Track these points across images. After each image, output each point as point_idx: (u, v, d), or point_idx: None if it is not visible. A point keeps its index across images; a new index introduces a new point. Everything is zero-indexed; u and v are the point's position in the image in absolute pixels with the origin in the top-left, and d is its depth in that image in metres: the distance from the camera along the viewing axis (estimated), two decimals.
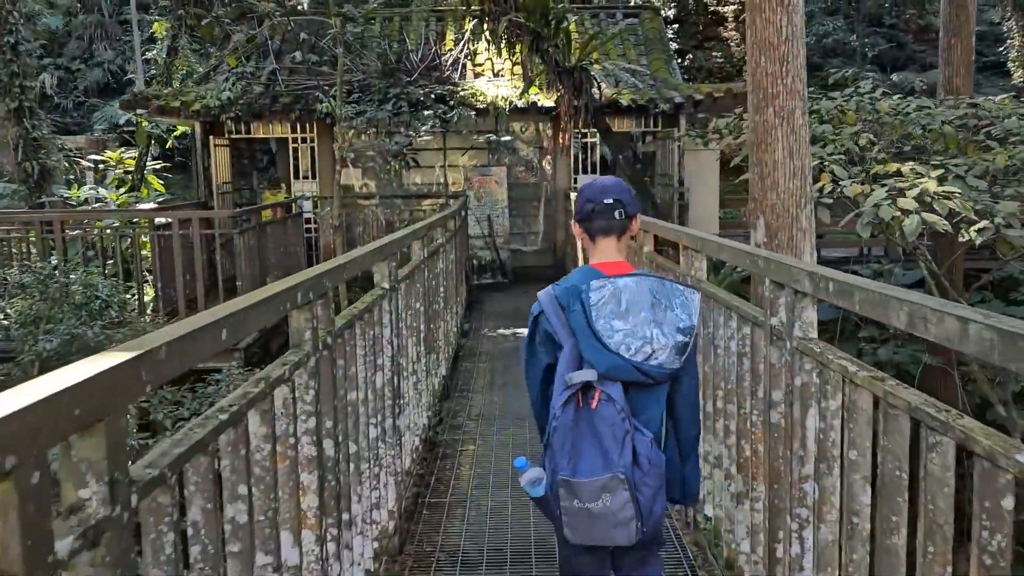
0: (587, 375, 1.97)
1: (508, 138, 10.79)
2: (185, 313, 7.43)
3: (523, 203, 12.89)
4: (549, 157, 12.55)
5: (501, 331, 8.90)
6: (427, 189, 12.67)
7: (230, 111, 11.24)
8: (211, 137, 11.73)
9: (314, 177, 12.37)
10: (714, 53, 23.66)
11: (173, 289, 7.91)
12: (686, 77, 19.56)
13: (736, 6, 25.33)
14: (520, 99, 11.43)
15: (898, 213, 4.94)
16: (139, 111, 11.59)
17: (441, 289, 6.27)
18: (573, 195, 10.68)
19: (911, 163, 5.81)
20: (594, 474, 1.93)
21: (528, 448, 5.01)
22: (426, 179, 12.74)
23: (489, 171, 12.21)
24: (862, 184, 5.62)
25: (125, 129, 18.11)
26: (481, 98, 11.59)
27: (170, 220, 8.14)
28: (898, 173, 5.57)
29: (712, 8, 25.69)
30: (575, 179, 12.38)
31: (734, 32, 25.45)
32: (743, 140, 6.88)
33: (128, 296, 7.62)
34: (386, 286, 3.44)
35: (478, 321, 9.65)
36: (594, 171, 12.61)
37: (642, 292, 1.99)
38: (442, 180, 12.64)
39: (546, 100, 11.67)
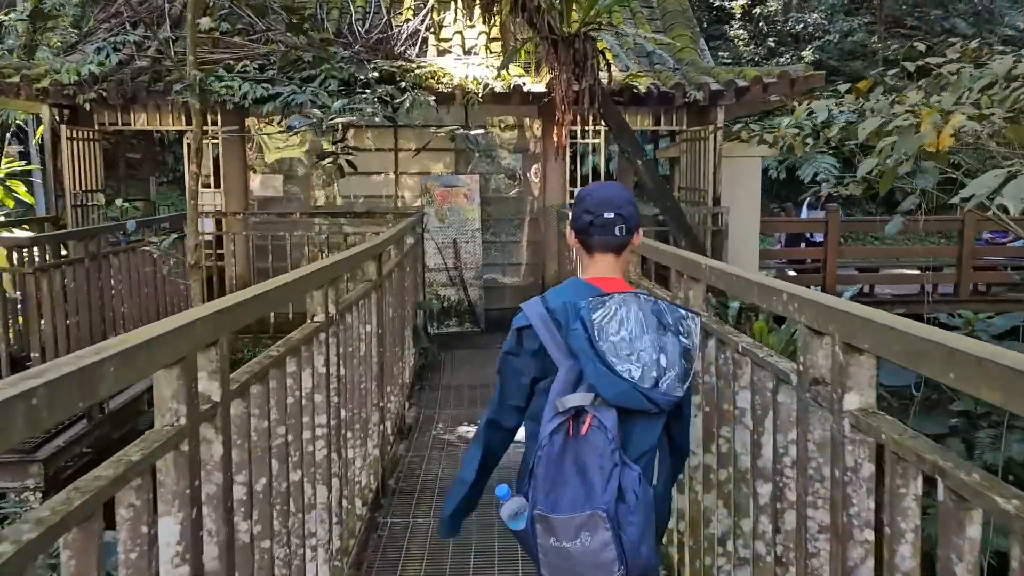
0: (580, 399, 1.79)
1: (481, 132, 7.69)
2: None
3: (501, 224, 9.73)
4: (538, 163, 9.39)
5: (465, 429, 5.69)
6: (374, 204, 9.49)
7: (90, 91, 7.99)
8: (64, 126, 8.42)
9: (218, 186, 9.14)
10: (720, 53, 20.76)
11: None
12: None
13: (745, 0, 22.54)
14: (498, 80, 8.28)
15: None
16: None
17: (360, 377, 3.60)
18: (564, 209, 7.59)
19: None
20: (573, 510, 1.76)
21: None
22: (372, 191, 9.54)
23: (456, 181, 9.05)
24: None
25: None
26: (445, 80, 8.44)
27: None
28: None
29: (717, 4, 22.87)
30: (572, 192, 9.24)
31: (741, 31, 22.69)
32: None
33: None
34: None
35: (430, 404, 6.44)
36: (595, 182, 9.46)
37: (645, 313, 1.83)
38: (392, 193, 9.44)
39: (535, 83, 8.52)
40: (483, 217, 9.29)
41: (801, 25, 20.65)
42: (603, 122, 7.87)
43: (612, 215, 2.00)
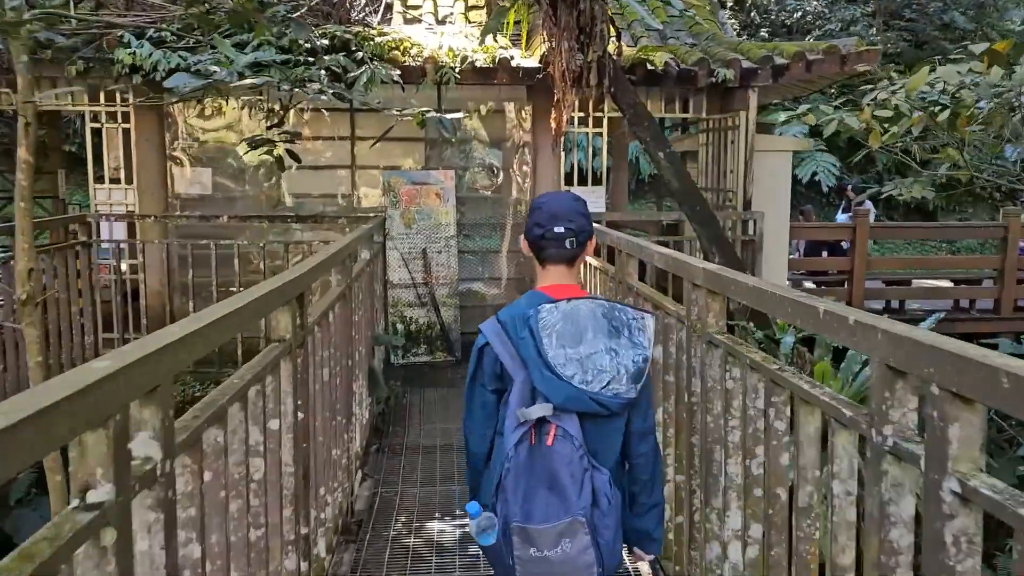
0: (541, 410, 1.82)
1: (458, 115, 6.05)
2: None
3: (481, 230, 8.08)
4: (527, 157, 7.73)
5: (438, 528, 4.01)
6: (331, 205, 7.79)
7: None
8: None
9: (130, 181, 7.37)
10: None
11: None
12: None
13: None
14: (479, 50, 6.63)
15: None
16: None
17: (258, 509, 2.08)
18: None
19: None
20: (551, 519, 1.81)
21: None
22: (328, 189, 7.84)
23: (426, 178, 7.38)
24: None
25: None
26: (414, 51, 6.77)
27: None
28: None
29: None
30: (568, 191, 7.61)
31: (732, 20, 21.23)
32: None
33: None
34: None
35: (391, 476, 4.78)
36: (594, 180, 7.86)
37: (595, 317, 1.87)
38: (349, 191, 7.74)
39: (526, 57, 6.89)
40: (459, 221, 7.64)
41: (799, 14, 19.23)
42: (614, 105, 6.25)
43: (562, 229, 1.99)
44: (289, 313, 2.43)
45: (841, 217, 12.97)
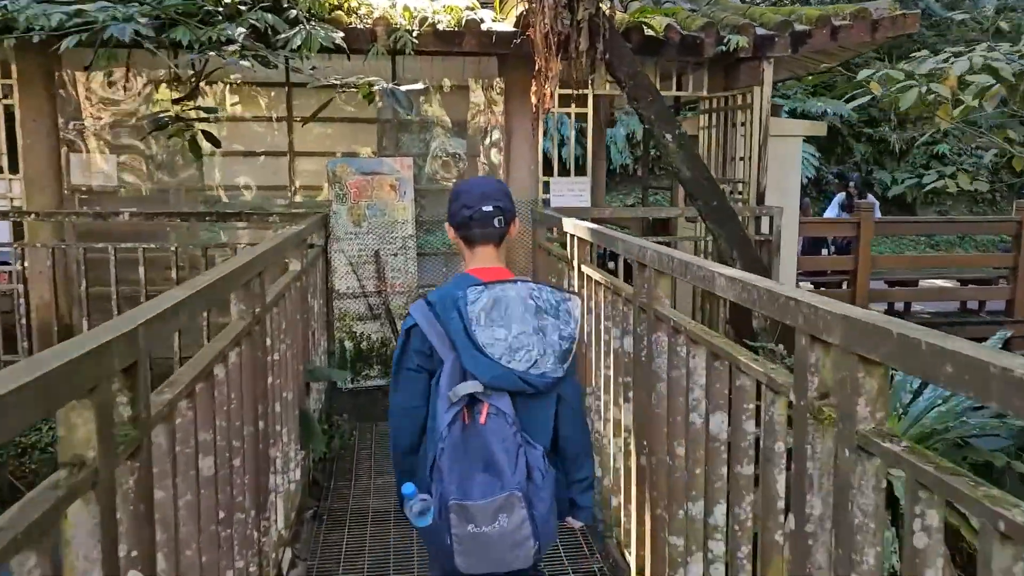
0: (471, 387, 1.87)
1: (418, 86, 4.88)
2: None
3: (444, 228, 6.91)
4: (499, 142, 6.55)
5: None
6: (270, 199, 6.56)
7: None
8: None
9: (14, 170, 6.04)
10: None
11: None
12: None
13: None
14: (442, 10, 5.44)
15: None
16: None
17: None
18: (545, 211, 4.88)
19: None
20: (488, 495, 1.85)
21: None
22: (266, 179, 6.60)
23: (379, 166, 6.16)
24: None
25: None
26: (362, 11, 5.55)
27: None
28: None
29: None
30: (547, 184, 6.48)
31: None
32: None
33: None
34: None
35: (331, 549, 3.59)
36: (576, 168, 6.72)
37: (522, 299, 1.92)
38: (287, 181, 6.49)
39: (500, 20, 5.73)
40: (418, 218, 6.45)
41: None
42: (608, 76, 5.11)
43: (491, 208, 2.04)
44: (93, 414, 1.26)
45: (831, 212, 12.05)
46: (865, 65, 5.99)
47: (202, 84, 5.02)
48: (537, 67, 4.91)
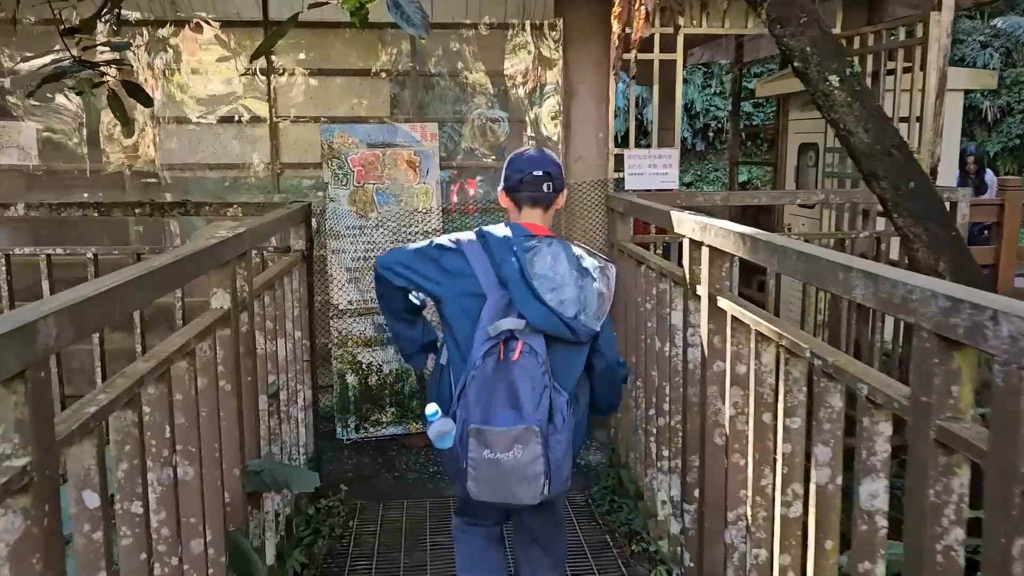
0: (512, 323, 1.95)
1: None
2: None
3: (479, 219, 5.17)
4: (554, 100, 4.81)
5: None
6: (239, 183, 4.93)
7: None
8: None
9: None
10: None
11: None
12: None
13: None
14: None
15: None
16: None
17: None
18: (630, 198, 3.66)
19: None
20: (508, 424, 1.91)
21: None
22: (233, 156, 4.94)
23: (393, 135, 4.50)
24: None
25: None
26: None
27: None
28: None
29: None
30: (620, 157, 4.76)
31: None
32: None
33: None
34: None
35: None
36: (655, 137, 4.98)
37: (568, 256, 2.04)
38: (267, 158, 4.85)
39: None
40: (445, 207, 4.77)
41: None
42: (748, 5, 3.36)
43: (540, 173, 2.16)
44: None
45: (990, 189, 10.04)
46: None
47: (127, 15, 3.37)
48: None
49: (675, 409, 2.85)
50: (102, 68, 3.24)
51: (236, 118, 4.77)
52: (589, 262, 2.05)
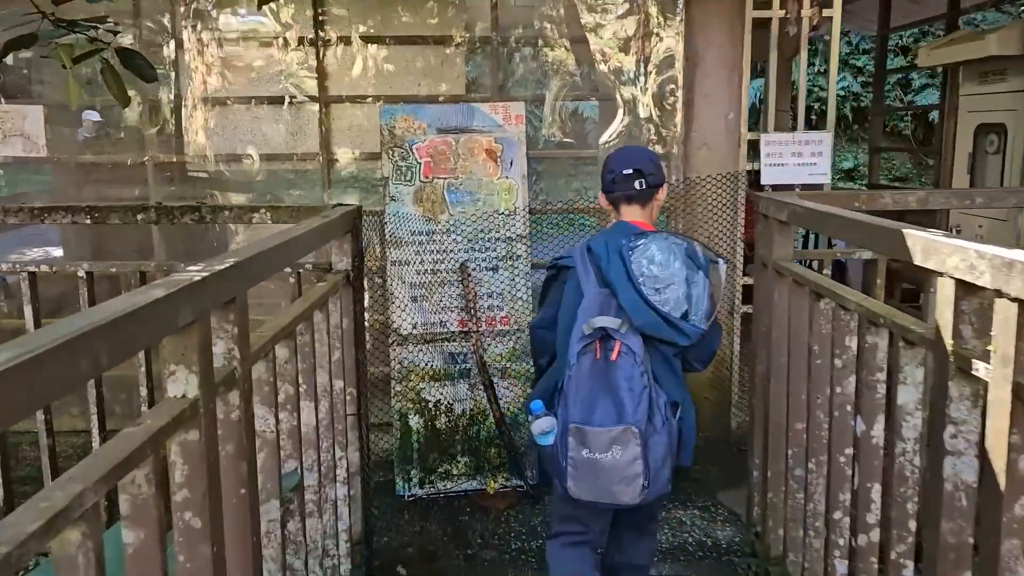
0: (607, 321, 1.93)
1: None
2: None
3: (575, 225, 4.21)
4: (674, 78, 3.82)
5: None
6: (278, 176, 4.11)
7: None
8: None
9: None
10: None
11: None
12: None
13: None
14: None
15: None
16: None
17: None
18: (793, 202, 2.65)
19: None
20: (607, 423, 1.89)
21: None
22: (276, 146, 4.10)
23: (469, 118, 3.59)
24: None
25: None
26: None
27: None
28: None
29: None
30: (750, 144, 3.72)
31: None
32: None
33: None
34: None
35: None
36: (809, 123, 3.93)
37: (677, 253, 1.99)
38: (317, 147, 4.00)
39: None
40: (532, 207, 3.83)
41: None
42: None
43: (630, 171, 2.12)
44: None
45: None
46: None
47: None
48: None
49: (901, 536, 1.83)
50: (90, 33, 2.43)
51: (277, 99, 3.93)
52: (700, 258, 2.01)
